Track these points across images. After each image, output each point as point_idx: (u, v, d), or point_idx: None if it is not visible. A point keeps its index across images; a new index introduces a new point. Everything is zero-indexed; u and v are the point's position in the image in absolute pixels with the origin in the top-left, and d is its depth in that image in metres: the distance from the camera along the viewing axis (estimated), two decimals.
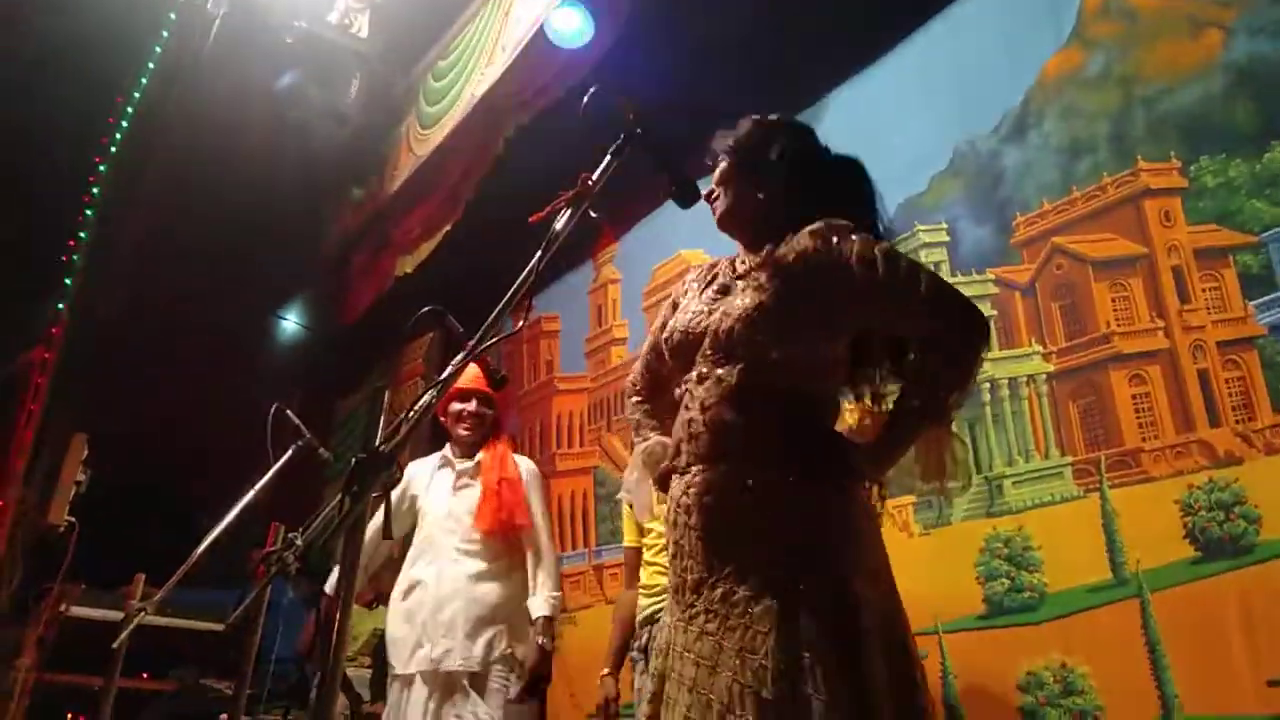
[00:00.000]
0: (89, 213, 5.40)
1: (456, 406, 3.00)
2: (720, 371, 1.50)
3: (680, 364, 1.62)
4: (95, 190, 5.45)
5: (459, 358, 1.37)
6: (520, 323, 1.39)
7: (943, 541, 2.96)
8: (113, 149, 5.56)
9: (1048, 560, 2.68)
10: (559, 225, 1.44)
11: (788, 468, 1.43)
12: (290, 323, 7.79)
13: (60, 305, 5.11)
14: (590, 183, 1.47)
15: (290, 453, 2.53)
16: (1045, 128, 3.03)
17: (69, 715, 4.41)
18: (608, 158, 1.50)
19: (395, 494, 3.07)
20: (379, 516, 1.36)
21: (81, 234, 5.33)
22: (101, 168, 5.50)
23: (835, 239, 1.50)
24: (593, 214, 1.47)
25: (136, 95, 5.68)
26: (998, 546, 2.79)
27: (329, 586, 2.60)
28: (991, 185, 3.15)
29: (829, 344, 1.52)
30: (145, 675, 4.32)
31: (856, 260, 1.46)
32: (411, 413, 1.28)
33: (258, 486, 2.50)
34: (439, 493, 3.01)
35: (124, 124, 5.61)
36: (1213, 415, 2.43)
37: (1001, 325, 2.97)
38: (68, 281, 5.19)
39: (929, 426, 1.43)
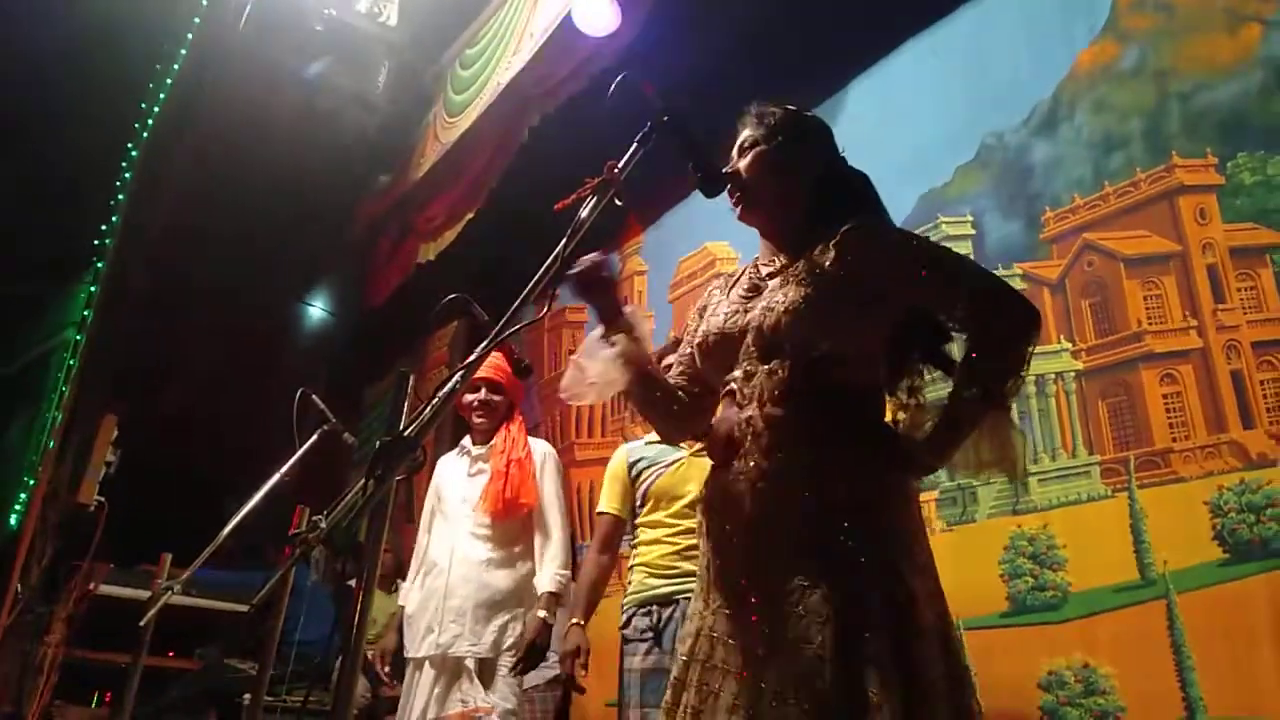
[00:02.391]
0: (120, 197, 5.47)
1: (468, 397, 3.02)
2: (768, 367, 1.48)
3: (715, 365, 1.60)
4: (127, 175, 5.52)
5: (482, 345, 1.37)
6: (544, 311, 1.38)
7: (966, 538, 2.94)
8: (144, 134, 5.62)
9: (1073, 559, 2.65)
10: (584, 213, 1.43)
11: (847, 460, 1.42)
12: (316, 308, 7.86)
13: (92, 288, 5.18)
14: (616, 171, 1.47)
15: (316, 437, 2.56)
16: (1077, 121, 2.98)
17: (96, 692, 4.49)
18: (633, 146, 1.49)
19: (430, 494, 3.11)
20: None
21: (113, 217, 5.40)
22: (133, 152, 5.56)
23: (874, 234, 1.50)
24: (618, 202, 1.47)
25: (168, 81, 5.74)
26: (1022, 544, 2.77)
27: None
28: (1020, 179, 3.11)
29: (873, 336, 1.51)
30: (171, 654, 4.39)
31: (900, 253, 1.46)
32: (435, 398, 1.29)
33: (283, 470, 2.53)
34: (455, 479, 3.05)
35: (155, 109, 5.67)
36: (1246, 417, 2.39)
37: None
38: (99, 264, 5.26)
39: (987, 415, 1.43)
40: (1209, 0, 2.73)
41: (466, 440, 3.12)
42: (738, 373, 1.53)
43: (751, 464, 1.46)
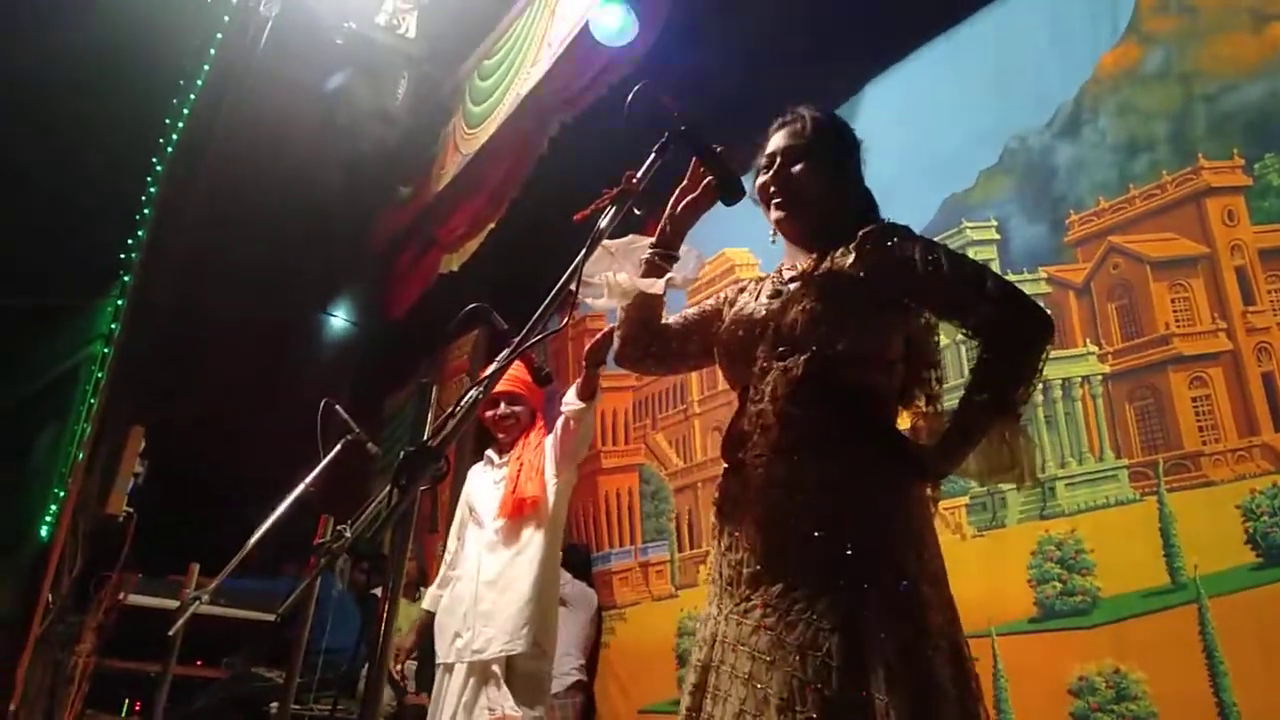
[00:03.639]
0: (146, 211, 5.54)
1: (489, 413, 3.05)
2: (784, 363, 1.48)
3: (733, 359, 1.61)
4: (152, 189, 5.59)
5: (503, 354, 1.37)
6: (565, 320, 1.38)
7: (995, 544, 2.91)
8: (169, 148, 5.69)
9: (1101, 564, 2.62)
10: (603, 223, 1.44)
11: (858, 463, 1.42)
12: (339, 319, 7.92)
13: (119, 301, 5.25)
14: (635, 180, 1.47)
15: (339, 447, 2.58)
16: (1101, 124, 2.96)
17: (126, 701, 4.53)
18: (652, 155, 1.50)
19: (460, 504, 3.14)
20: None
21: (139, 231, 5.47)
22: (158, 166, 5.63)
23: (895, 238, 1.51)
24: (637, 211, 1.47)
25: (191, 96, 5.81)
26: (1050, 549, 2.74)
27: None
28: (1044, 182, 3.09)
29: (891, 338, 1.52)
30: (199, 663, 4.42)
31: (916, 256, 1.46)
32: (458, 408, 1.29)
33: (308, 479, 2.55)
34: (484, 489, 3.07)
35: (179, 124, 5.74)
36: (1277, 419, 2.36)
37: (1055, 326, 2.91)
38: (125, 277, 5.33)
39: (998, 421, 1.42)
40: (1233, 0, 2.70)
41: (491, 451, 3.15)
42: (754, 369, 1.53)
43: (761, 460, 1.45)
